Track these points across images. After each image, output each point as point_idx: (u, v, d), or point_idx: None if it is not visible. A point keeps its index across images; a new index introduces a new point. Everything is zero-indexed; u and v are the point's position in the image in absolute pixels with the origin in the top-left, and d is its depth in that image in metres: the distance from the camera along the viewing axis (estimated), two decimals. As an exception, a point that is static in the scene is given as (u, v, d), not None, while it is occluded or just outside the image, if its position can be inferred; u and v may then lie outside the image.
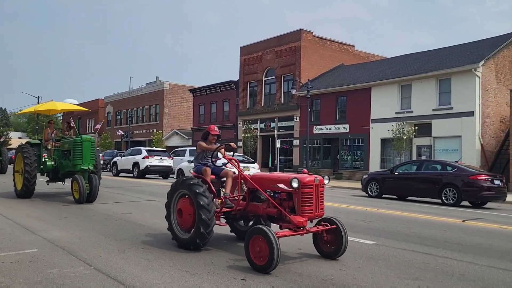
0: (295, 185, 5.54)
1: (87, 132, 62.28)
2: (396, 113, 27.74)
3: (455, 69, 24.94)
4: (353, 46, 40.30)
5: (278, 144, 32.54)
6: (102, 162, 29.44)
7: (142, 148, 28.38)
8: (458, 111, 24.73)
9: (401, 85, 28.02)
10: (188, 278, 4.92)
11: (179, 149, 32.79)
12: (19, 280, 4.68)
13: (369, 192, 17.69)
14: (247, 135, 36.48)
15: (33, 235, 7.22)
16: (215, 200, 6.30)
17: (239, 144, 36.96)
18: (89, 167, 12.16)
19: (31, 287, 4.47)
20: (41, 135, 14.75)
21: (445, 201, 15.19)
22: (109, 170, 29.61)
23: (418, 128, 26.19)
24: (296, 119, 34.83)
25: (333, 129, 32.12)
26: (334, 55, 37.98)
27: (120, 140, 53.57)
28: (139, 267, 5.32)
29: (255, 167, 21.02)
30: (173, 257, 5.89)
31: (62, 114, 66.94)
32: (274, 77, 37.47)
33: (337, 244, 5.90)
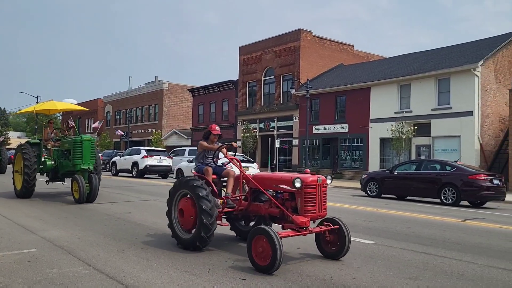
0: (298, 185, 5.50)
1: (86, 132, 62.21)
2: (395, 113, 27.77)
3: (454, 69, 24.96)
4: (352, 46, 40.33)
5: (277, 144, 32.53)
6: (101, 162, 29.42)
7: (141, 147, 28.38)
8: (457, 110, 24.76)
9: (400, 85, 28.04)
10: (187, 277, 4.92)
11: (178, 149, 32.81)
12: (18, 279, 4.68)
13: (368, 191, 17.70)
14: (246, 135, 36.48)
15: (32, 234, 7.21)
16: (216, 200, 6.26)
17: (239, 144, 36.96)
18: (89, 167, 12.12)
19: (30, 286, 4.46)
20: (40, 135, 14.72)
21: (444, 200, 15.20)
22: (108, 169, 29.60)
23: (417, 127, 26.21)
24: (295, 119, 34.85)
25: (332, 129, 32.14)
26: (333, 55, 37.99)
27: (119, 139, 53.58)
28: (138, 267, 5.31)
29: (254, 166, 21.00)
30: (172, 256, 5.89)
31: (61, 113, 67.01)
32: (273, 76, 37.48)
33: (340, 244, 5.86)
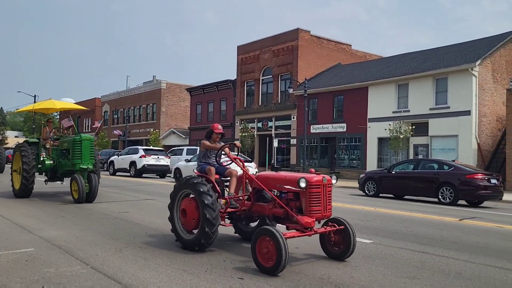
0: (302, 185, 5.42)
1: (84, 131, 62.11)
2: (393, 112, 27.80)
3: (452, 69, 25.01)
4: (350, 45, 40.35)
5: (275, 143, 32.53)
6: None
7: (139, 147, 28.37)
8: (454, 110, 24.80)
9: (398, 84, 28.07)
10: (185, 277, 4.92)
11: (176, 148, 32.81)
12: (15, 279, 4.66)
13: (366, 191, 17.73)
14: (244, 134, 36.47)
15: (30, 234, 7.20)
16: (219, 200, 6.20)
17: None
18: (89, 166, 12.03)
19: (28, 286, 4.45)
20: (38, 134, 14.66)
21: (442, 200, 15.23)
22: (106, 169, 29.56)
23: (415, 127, 26.25)
24: (293, 118, 34.86)
25: (330, 128, 32.16)
26: (331, 55, 38.00)
27: (117, 139, 53.50)
28: (136, 266, 5.31)
29: (252, 166, 20.99)
30: (170, 256, 5.88)
31: (59, 113, 66.85)
32: (271, 76, 37.47)
33: (345, 245, 5.79)
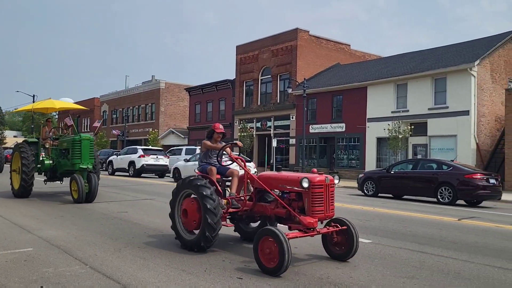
0: (305, 185, 5.39)
1: (83, 131, 62.06)
2: (392, 112, 27.82)
3: (451, 69, 25.03)
4: (349, 45, 40.35)
5: (274, 143, 32.53)
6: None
7: (138, 147, 28.38)
8: (453, 110, 24.82)
9: (397, 84, 28.08)
10: (184, 276, 4.92)
11: (175, 148, 32.80)
12: (14, 279, 4.66)
13: (365, 191, 17.74)
14: (243, 134, 36.46)
15: (28, 234, 7.19)
16: (221, 200, 6.13)
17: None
18: (88, 166, 11.98)
19: (27, 286, 4.45)
20: (37, 134, 14.63)
21: (440, 200, 15.24)
22: (105, 169, 29.55)
23: (414, 127, 26.27)
24: (292, 118, 34.86)
25: (329, 128, 32.17)
26: (330, 54, 38.01)
27: (115, 139, 53.46)
28: (135, 266, 5.30)
29: (251, 166, 21.01)
30: (169, 255, 5.88)
31: (58, 113, 66.82)
32: (270, 76, 37.46)
33: (347, 245, 5.75)
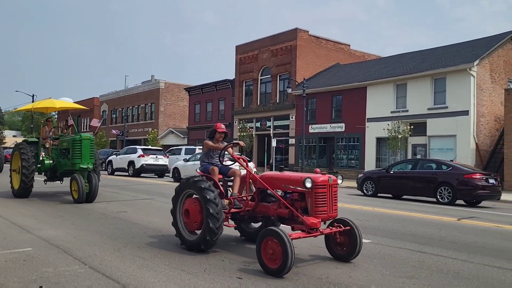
0: (308, 185, 5.35)
1: (83, 131, 62.03)
2: (391, 112, 27.83)
3: (450, 69, 25.04)
4: (349, 45, 40.36)
5: (273, 143, 32.55)
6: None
7: (137, 146, 28.36)
8: (453, 110, 24.83)
9: (396, 84, 28.09)
10: (183, 276, 4.92)
11: (175, 148, 32.81)
12: (13, 279, 4.65)
13: (365, 191, 17.74)
14: (242, 134, 36.47)
15: (28, 234, 7.18)
16: (223, 200, 6.09)
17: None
18: (89, 166, 11.93)
19: (26, 286, 4.44)
20: (37, 133, 14.59)
21: (440, 199, 15.25)
22: (104, 169, 29.54)
23: (413, 127, 26.27)
24: (291, 118, 34.86)
25: (328, 128, 32.17)
26: (329, 54, 38.01)
27: (115, 139, 53.44)
28: (134, 266, 5.30)
29: (251, 166, 21.02)
30: (168, 255, 5.88)
31: (57, 112, 66.83)
32: (269, 76, 37.46)
33: (350, 246, 5.72)
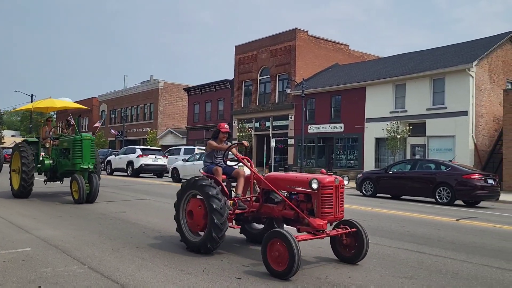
0: (314, 186, 5.29)
1: (83, 130, 61.94)
2: (390, 113, 27.83)
3: (449, 69, 25.05)
4: (348, 45, 40.37)
5: (272, 143, 32.54)
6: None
7: (136, 147, 28.34)
8: (452, 110, 24.85)
9: (395, 85, 28.10)
10: (182, 276, 4.91)
11: (174, 148, 32.80)
12: (12, 279, 4.65)
13: (364, 191, 17.75)
14: (241, 134, 36.47)
15: (26, 234, 7.17)
16: (227, 201, 6.04)
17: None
18: (89, 166, 11.86)
19: (25, 286, 4.44)
20: (35, 133, 14.53)
21: (439, 200, 15.26)
22: (103, 169, 29.51)
23: (412, 127, 26.29)
24: (290, 118, 34.86)
25: (327, 128, 32.17)
26: (328, 55, 38.02)
27: (114, 139, 53.38)
28: (134, 266, 5.30)
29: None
30: (167, 255, 5.88)
31: (56, 112, 66.74)
32: (269, 76, 37.45)
33: (357, 248, 5.65)
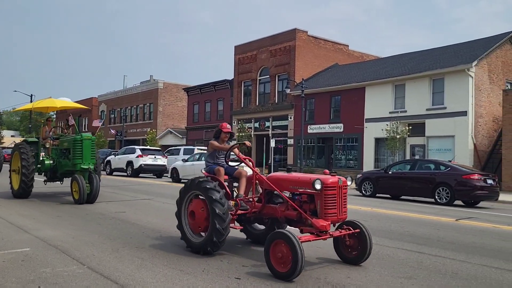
0: (318, 186, 5.25)
1: (83, 130, 61.95)
2: (390, 113, 27.85)
3: (449, 69, 25.07)
4: (347, 45, 40.39)
5: (272, 143, 32.55)
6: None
7: (136, 147, 28.33)
8: (451, 110, 24.87)
9: (395, 85, 28.12)
10: (182, 276, 4.91)
11: (173, 148, 32.79)
12: (11, 279, 4.64)
13: (363, 191, 17.75)
14: (241, 134, 36.47)
15: (26, 234, 7.17)
16: (229, 202, 5.99)
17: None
18: (90, 166, 11.82)
19: (24, 286, 4.43)
20: (35, 133, 14.51)
21: (438, 200, 15.27)
22: (102, 169, 29.49)
23: (411, 127, 26.28)
24: (290, 118, 34.86)
25: (327, 128, 32.18)
26: (328, 55, 38.03)
27: (113, 139, 53.38)
28: (133, 266, 5.30)
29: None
30: (167, 256, 5.87)
31: (55, 112, 66.73)
32: (268, 76, 37.46)
33: (360, 249, 5.60)
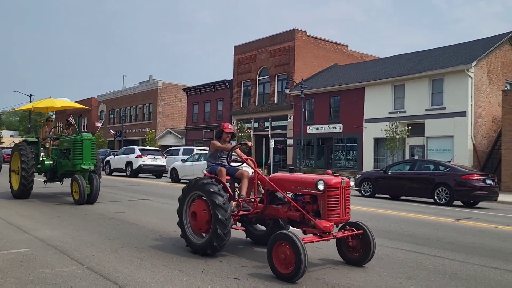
0: (321, 187, 5.23)
1: (83, 130, 61.92)
2: (389, 113, 27.87)
3: (448, 70, 25.09)
4: (347, 46, 40.42)
5: (272, 143, 32.56)
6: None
7: (135, 147, 28.30)
8: (450, 111, 24.89)
9: (394, 85, 28.14)
10: (181, 277, 4.91)
11: (173, 148, 32.80)
12: (10, 279, 4.64)
13: (363, 191, 17.76)
14: (240, 135, 36.47)
15: (25, 234, 7.16)
16: (231, 202, 5.94)
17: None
18: (90, 166, 11.78)
19: (23, 286, 4.43)
20: (34, 134, 14.49)
21: (437, 200, 15.27)
22: (102, 169, 29.47)
23: (411, 128, 26.31)
24: (289, 118, 34.87)
25: (326, 128, 32.20)
26: (327, 55, 38.06)
27: (113, 139, 53.37)
28: (132, 266, 5.29)
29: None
30: (166, 256, 5.87)
31: (55, 112, 66.69)
32: (268, 76, 37.48)
33: (363, 250, 5.56)
